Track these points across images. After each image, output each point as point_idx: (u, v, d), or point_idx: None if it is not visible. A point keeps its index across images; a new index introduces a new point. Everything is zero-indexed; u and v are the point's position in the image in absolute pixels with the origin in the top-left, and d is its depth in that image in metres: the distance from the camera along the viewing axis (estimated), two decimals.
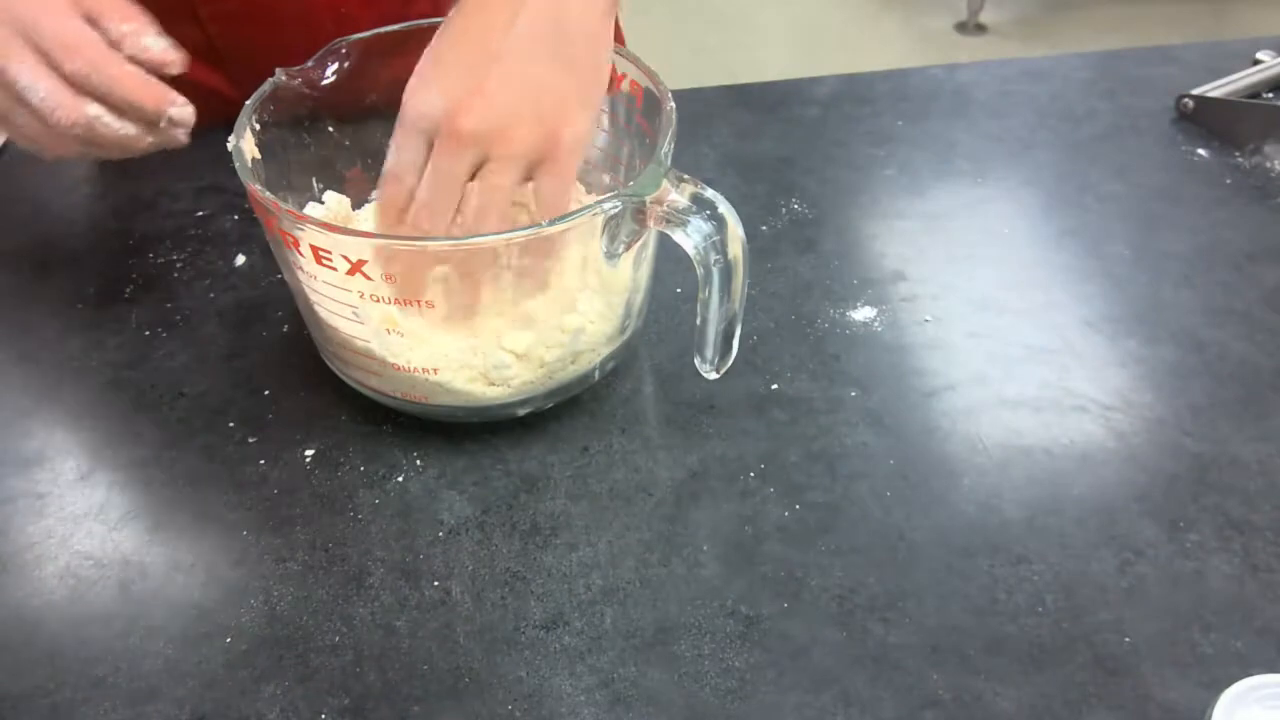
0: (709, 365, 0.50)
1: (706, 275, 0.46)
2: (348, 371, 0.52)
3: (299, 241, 0.44)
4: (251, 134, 0.49)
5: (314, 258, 0.44)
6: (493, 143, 0.45)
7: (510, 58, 0.46)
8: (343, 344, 0.49)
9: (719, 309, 0.47)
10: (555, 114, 0.46)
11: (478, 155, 0.46)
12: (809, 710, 0.41)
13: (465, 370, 0.49)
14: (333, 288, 0.46)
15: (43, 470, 0.51)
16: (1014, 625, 0.44)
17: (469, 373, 0.49)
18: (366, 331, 0.47)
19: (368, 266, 0.44)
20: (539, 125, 0.46)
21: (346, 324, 0.47)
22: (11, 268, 0.63)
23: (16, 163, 0.73)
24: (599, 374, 0.52)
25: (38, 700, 0.42)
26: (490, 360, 0.48)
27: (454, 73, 0.47)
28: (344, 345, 0.49)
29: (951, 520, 0.48)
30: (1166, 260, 0.62)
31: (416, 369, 0.48)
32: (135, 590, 0.46)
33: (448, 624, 0.44)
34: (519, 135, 0.46)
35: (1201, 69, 0.78)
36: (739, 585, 0.45)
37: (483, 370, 0.49)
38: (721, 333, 0.48)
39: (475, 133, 0.45)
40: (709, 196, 0.45)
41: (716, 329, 0.48)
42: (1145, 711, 0.41)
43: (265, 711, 0.41)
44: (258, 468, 0.51)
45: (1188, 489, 0.49)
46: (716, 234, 0.45)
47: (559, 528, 0.48)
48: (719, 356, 0.50)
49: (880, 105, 0.76)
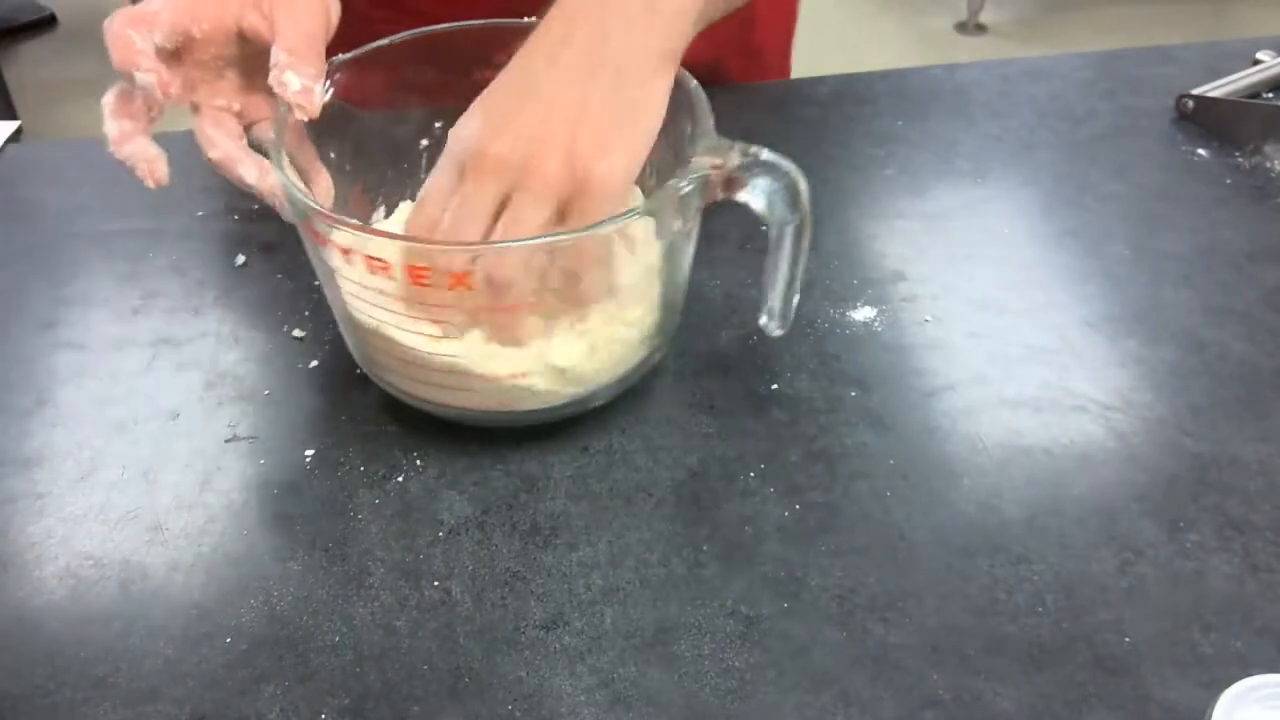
0: (777, 322, 0.53)
1: (779, 235, 0.48)
2: (417, 392, 0.50)
3: (390, 266, 0.43)
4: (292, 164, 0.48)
5: (410, 279, 0.44)
6: (520, 174, 0.45)
7: (548, 92, 0.45)
8: (422, 363, 0.48)
9: (790, 267, 0.49)
10: (590, 150, 0.44)
11: (504, 185, 0.45)
12: (809, 710, 0.41)
13: (549, 371, 0.48)
14: (428, 306, 0.45)
15: (43, 470, 0.51)
16: (1014, 625, 0.44)
17: (551, 373, 0.49)
18: (459, 347, 0.47)
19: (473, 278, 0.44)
20: (570, 161, 0.44)
21: (431, 342, 0.47)
22: (10, 267, 0.63)
23: (17, 163, 0.73)
24: (657, 356, 0.53)
25: (37, 700, 0.42)
26: (571, 357, 0.48)
27: (496, 103, 0.47)
28: (423, 365, 0.48)
29: (951, 520, 0.48)
30: (1166, 260, 0.62)
31: (508, 376, 0.48)
32: (135, 590, 0.46)
33: (448, 624, 0.44)
34: (548, 169, 0.44)
35: (1201, 69, 0.78)
36: (739, 585, 0.45)
37: (564, 368, 0.49)
38: (791, 289, 0.51)
39: (502, 161, 0.45)
40: (770, 158, 0.46)
41: (788, 286, 0.50)
42: (1145, 711, 0.41)
43: (265, 711, 0.41)
44: (258, 468, 0.51)
45: (1188, 489, 0.49)
46: (787, 192, 0.46)
47: (559, 528, 0.48)
48: (788, 313, 0.52)
49: (880, 105, 0.76)
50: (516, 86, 0.47)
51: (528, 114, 0.45)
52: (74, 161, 0.72)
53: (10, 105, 2.17)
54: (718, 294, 0.59)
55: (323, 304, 0.59)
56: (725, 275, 0.61)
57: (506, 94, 0.47)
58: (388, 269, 0.44)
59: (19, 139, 0.75)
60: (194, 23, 0.49)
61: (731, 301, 0.59)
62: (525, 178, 0.45)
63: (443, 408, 0.51)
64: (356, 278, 0.45)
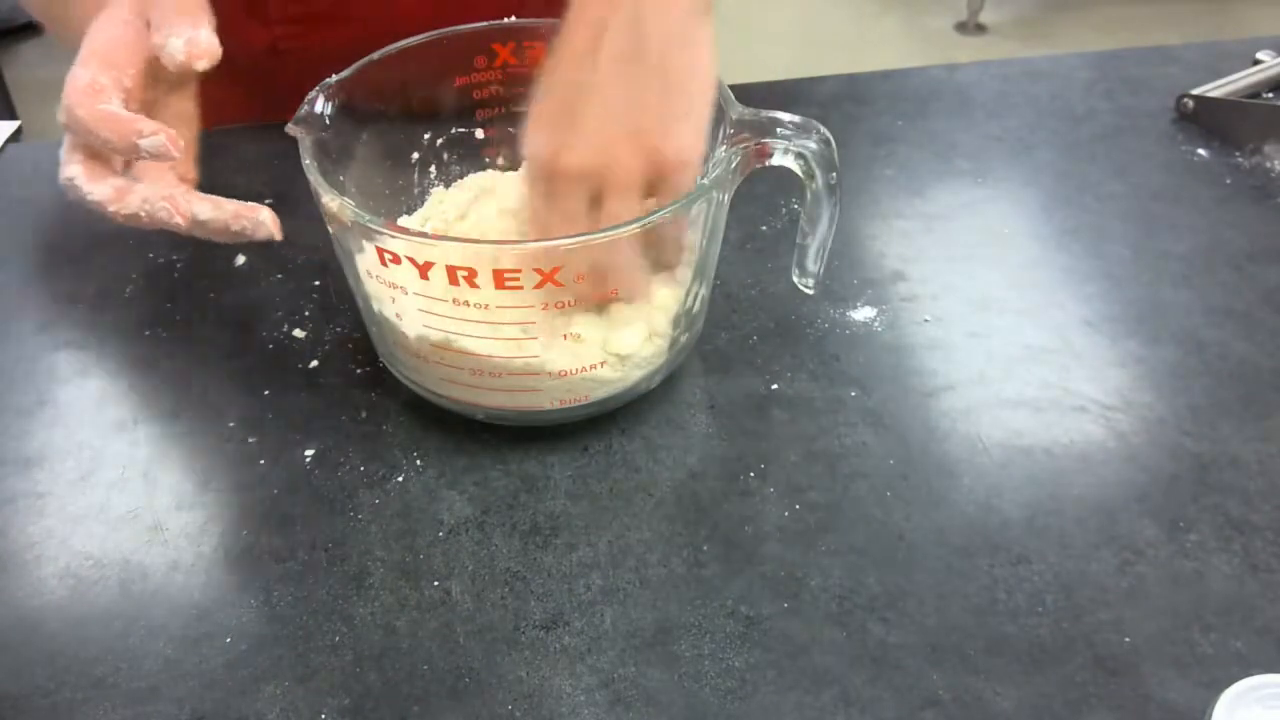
0: (809, 280, 0.55)
1: (815, 194, 0.49)
2: (482, 401, 0.50)
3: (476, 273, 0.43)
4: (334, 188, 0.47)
5: (496, 283, 0.43)
6: (601, 175, 0.46)
7: (598, 87, 0.46)
8: (490, 370, 0.48)
9: (826, 226, 0.51)
10: (655, 132, 0.46)
11: (591, 188, 0.46)
12: (809, 710, 0.41)
13: (613, 360, 0.49)
14: (506, 309, 0.45)
15: (43, 470, 0.51)
16: (1014, 625, 0.44)
17: (615, 361, 0.49)
18: (535, 347, 0.47)
19: (561, 274, 0.44)
20: (641, 148, 0.46)
21: (503, 345, 0.47)
22: (11, 268, 0.63)
23: (17, 163, 0.73)
24: (696, 336, 0.54)
25: (37, 700, 0.42)
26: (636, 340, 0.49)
27: (552, 113, 0.47)
28: (490, 372, 0.48)
29: (951, 520, 0.48)
30: (1166, 260, 0.62)
31: (579, 370, 0.48)
32: (135, 590, 0.46)
33: (448, 624, 0.44)
34: (624, 162, 0.46)
35: (1201, 69, 0.78)
36: (739, 585, 0.45)
37: (626, 353, 0.49)
38: (824, 248, 0.53)
39: (581, 170, 0.46)
40: (801, 120, 0.48)
41: (822, 244, 0.52)
42: (1145, 711, 0.41)
43: (265, 711, 0.41)
44: (258, 468, 0.51)
45: (1188, 489, 0.49)
46: (825, 151, 0.48)
47: (559, 528, 0.48)
48: (820, 272, 0.54)
49: (880, 105, 0.76)
50: (568, 91, 0.47)
51: (588, 118, 0.46)
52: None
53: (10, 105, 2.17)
54: (718, 294, 0.59)
55: (323, 304, 0.59)
56: (725, 275, 0.61)
57: (560, 102, 0.47)
58: (472, 276, 0.44)
59: (19, 139, 0.75)
60: (121, 73, 0.50)
61: (731, 301, 0.59)
62: (606, 177, 0.46)
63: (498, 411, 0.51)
64: (431, 291, 0.45)
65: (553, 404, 0.50)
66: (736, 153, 0.47)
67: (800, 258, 0.54)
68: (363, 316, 0.53)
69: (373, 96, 0.54)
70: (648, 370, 0.51)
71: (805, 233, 0.53)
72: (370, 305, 0.50)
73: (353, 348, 0.57)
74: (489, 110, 0.59)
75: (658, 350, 0.51)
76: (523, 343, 0.47)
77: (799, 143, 0.48)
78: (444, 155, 0.60)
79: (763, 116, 0.48)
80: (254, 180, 0.68)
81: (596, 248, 0.44)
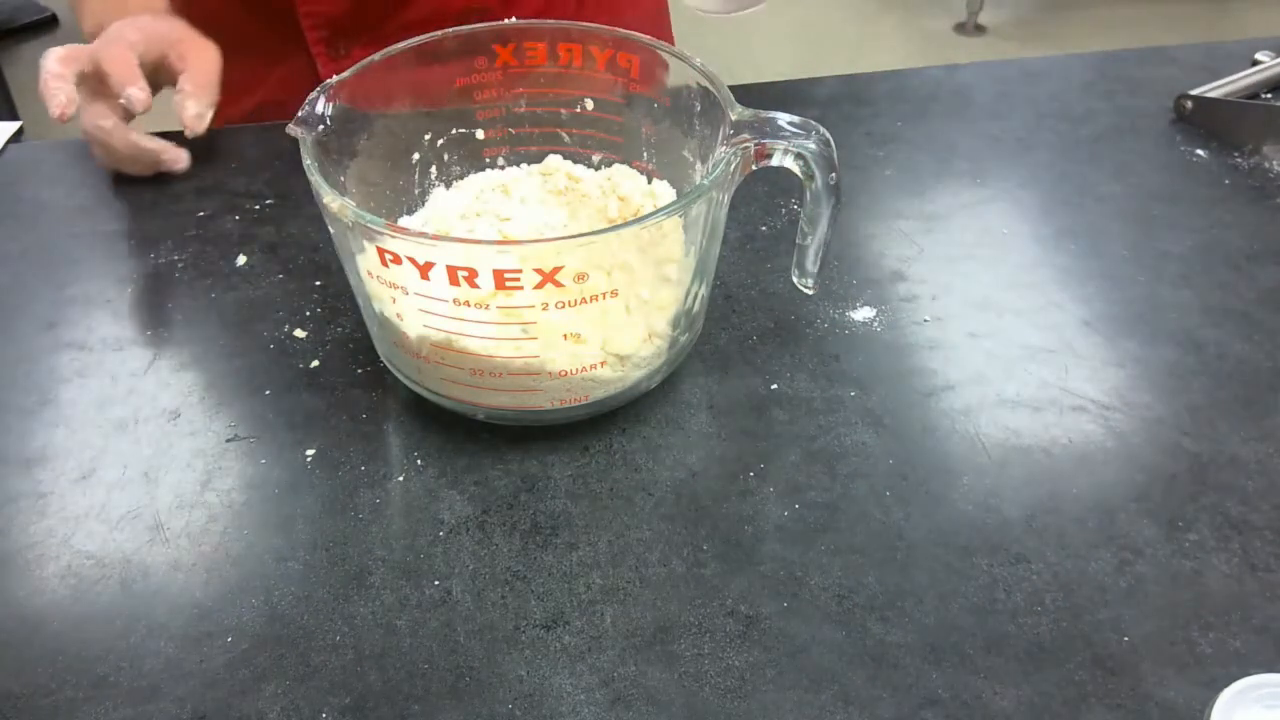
0: (809, 280, 0.55)
1: (815, 195, 0.50)
2: (482, 400, 0.50)
3: (476, 273, 0.43)
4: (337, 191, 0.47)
5: (496, 283, 0.43)
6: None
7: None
8: (490, 370, 0.48)
9: (826, 226, 0.52)
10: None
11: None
12: (809, 709, 0.41)
13: (612, 360, 0.49)
14: (506, 309, 0.45)
15: (44, 470, 0.51)
16: (1013, 625, 0.44)
17: (614, 361, 0.49)
18: (535, 347, 0.47)
19: (561, 274, 0.44)
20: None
21: (503, 345, 0.47)
22: (11, 267, 0.63)
23: (17, 163, 0.73)
24: (695, 336, 0.55)
25: (39, 699, 0.42)
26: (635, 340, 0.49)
27: None
28: (490, 372, 0.48)
29: (951, 520, 0.48)
30: (1165, 260, 0.62)
31: (578, 370, 0.48)
32: (136, 589, 0.46)
33: (448, 623, 0.44)
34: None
35: (1200, 69, 0.78)
36: (739, 585, 0.45)
37: (625, 354, 0.49)
38: (823, 248, 0.53)
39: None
40: (800, 120, 0.48)
41: (821, 244, 0.53)
42: (1144, 711, 0.41)
43: (266, 710, 0.41)
44: (258, 468, 0.51)
45: (1186, 489, 0.49)
46: (824, 151, 0.48)
47: (559, 527, 0.48)
48: (819, 272, 0.55)
49: (880, 106, 0.76)
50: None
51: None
52: (75, 162, 0.72)
53: (11, 105, 2.17)
54: (718, 294, 0.60)
55: (323, 304, 0.59)
56: (725, 275, 0.61)
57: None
58: (472, 276, 0.44)
59: (20, 139, 0.75)
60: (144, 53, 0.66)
61: (731, 302, 0.59)
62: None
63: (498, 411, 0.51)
64: (432, 291, 0.45)
65: (552, 404, 0.50)
66: (736, 153, 0.48)
67: (800, 258, 0.54)
68: (363, 316, 0.53)
69: (373, 97, 0.54)
70: (648, 370, 0.51)
71: (805, 233, 0.53)
72: (371, 305, 0.50)
73: (353, 348, 0.57)
74: (489, 111, 0.59)
75: (657, 350, 0.51)
76: (522, 343, 0.47)
77: (798, 143, 0.48)
78: (444, 155, 0.60)
79: (762, 117, 0.49)
80: (255, 180, 0.68)
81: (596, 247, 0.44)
